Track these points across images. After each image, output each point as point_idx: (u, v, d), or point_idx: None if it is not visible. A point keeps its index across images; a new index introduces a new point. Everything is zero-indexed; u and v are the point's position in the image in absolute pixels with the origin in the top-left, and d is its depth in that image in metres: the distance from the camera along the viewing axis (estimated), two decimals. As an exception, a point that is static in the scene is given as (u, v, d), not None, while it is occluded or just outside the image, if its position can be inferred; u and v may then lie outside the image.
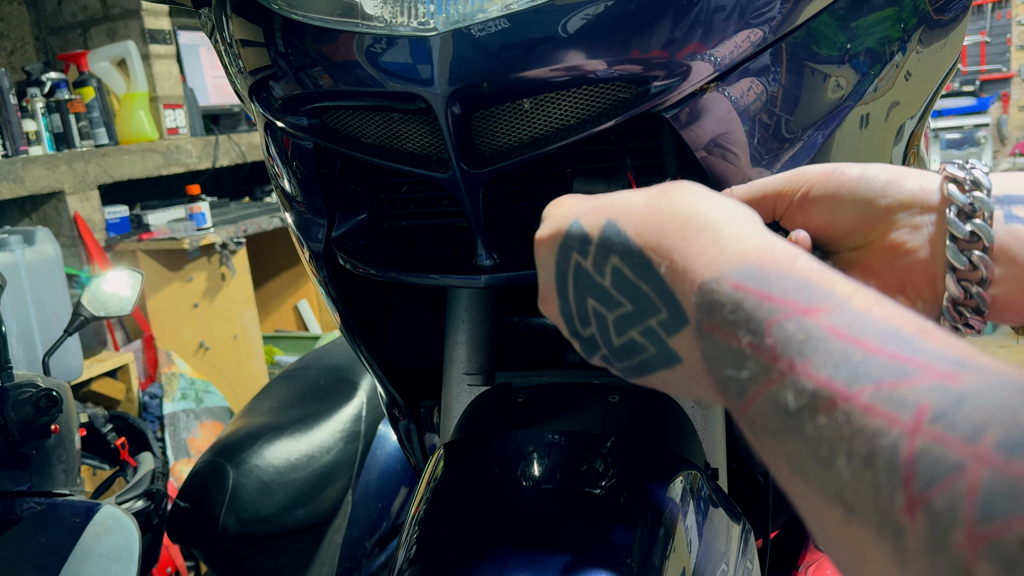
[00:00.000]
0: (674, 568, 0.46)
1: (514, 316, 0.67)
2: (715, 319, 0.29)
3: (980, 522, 0.18)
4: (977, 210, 0.35)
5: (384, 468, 1.26)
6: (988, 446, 0.19)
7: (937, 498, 0.19)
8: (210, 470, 1.17)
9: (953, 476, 0.19)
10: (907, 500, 0.20)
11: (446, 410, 0.66)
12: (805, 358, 0.24)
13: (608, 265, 0.34)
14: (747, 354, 0.27)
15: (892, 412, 0.21)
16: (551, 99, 0.46)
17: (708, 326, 0.29)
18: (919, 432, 0.20)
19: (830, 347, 0.24)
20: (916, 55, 0.55)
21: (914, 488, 0.20)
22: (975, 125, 5.72)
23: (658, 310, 0.33)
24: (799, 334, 0.25)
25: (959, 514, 0.19)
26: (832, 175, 0.39)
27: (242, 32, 0.52)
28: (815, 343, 0.25)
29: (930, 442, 0.20)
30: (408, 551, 0.48)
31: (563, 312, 0.38)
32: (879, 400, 0.22)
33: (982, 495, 0.19)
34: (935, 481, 0.20)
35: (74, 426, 1.12)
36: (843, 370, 0.23)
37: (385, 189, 0.59)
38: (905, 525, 0.20)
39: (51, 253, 2.10)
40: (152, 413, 2.33)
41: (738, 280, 0.28)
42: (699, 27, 0.43)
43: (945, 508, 0.19)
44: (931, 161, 0.75)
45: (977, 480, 0.19)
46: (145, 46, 2.66)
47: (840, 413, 0.23)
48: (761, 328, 0.26)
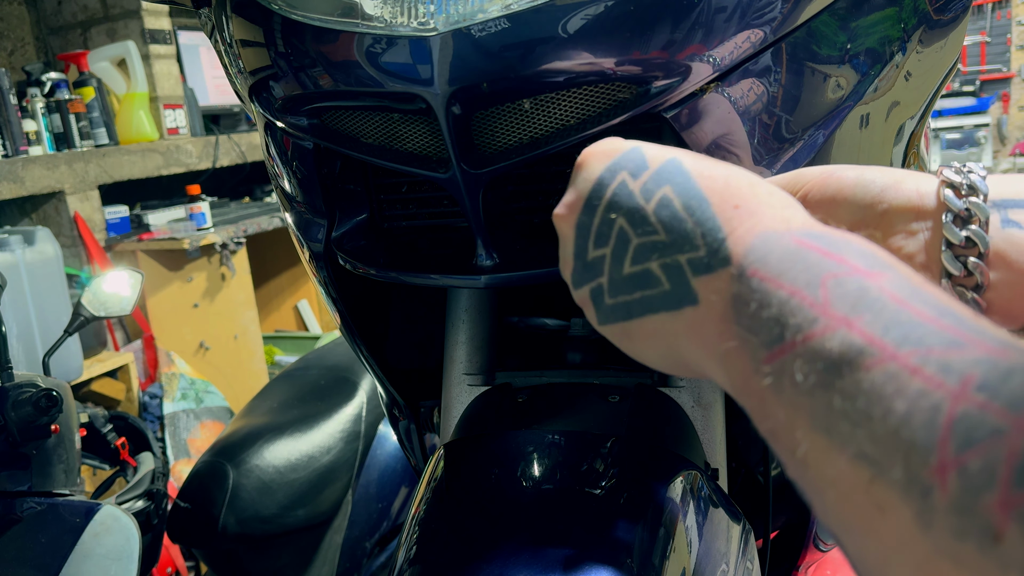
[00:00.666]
0: (674, 568, 0.46)
1: (514, 316, 0.67)
2: (768, 266, 0.28)
3: (1016, 485, 0.18)
4: (973, 216, 0.35)
5: (384, 468, 1.26)
6: None
7: (973, 460, 0.19)
8: (210, 470, 1.17)
9: (993, 440, 0.19)
10: (940, 460, 0.20)
11: (446, 410, 0.66)
12: (858, 314, 0.24)
13: (659, 193, 0.33)
14: (794, 302, 0.26)
15: (938, 376, 0.21)
16: (551, 99, 0.46)
17: (756, 271, 0.28)
18: (963, 398, 0.20)
19: (885, 308, 0.24)
20: (916, 55, 0.55)
21: (950, 449, 0.20)
22: (975, 125, 5.72)
23: (696, 247, 0.31)
24: (855, 291, 0.25)
25: (995, 477, 0.19)
26: (830, 178, 0.39)
27: (242, 32, 0.52)
28: (870, 302, 0.24)
29: (973, 408, 0.20)
30: (408, 551, 0.48)
31: (579, 225, 0.36)
32: (927, 364, 0.22)
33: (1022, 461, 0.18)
34: (973, 443, 0.19)
35: (74, 426, 1.12)
36: (894, 331, 0.23)
37: (385, 189, 0.59)
38: (934, 485, 0.20)
39: (51, 253, 2.10)
40: (152, 413, 2.34)
41: (804, 238, 0.28)
42: (700, 28, 0.43)
43: (981, 471, 0.19)
44: (931, 161, 0.75)
45: (1018, 447, 0.19)
46: (145, 46, 2.66)
47: (884, 371, 0.22)
48: (817, 280, 0.26)
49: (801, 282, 0.26)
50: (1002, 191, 0.36)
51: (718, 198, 0.32)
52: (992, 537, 0.18)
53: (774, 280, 0.27)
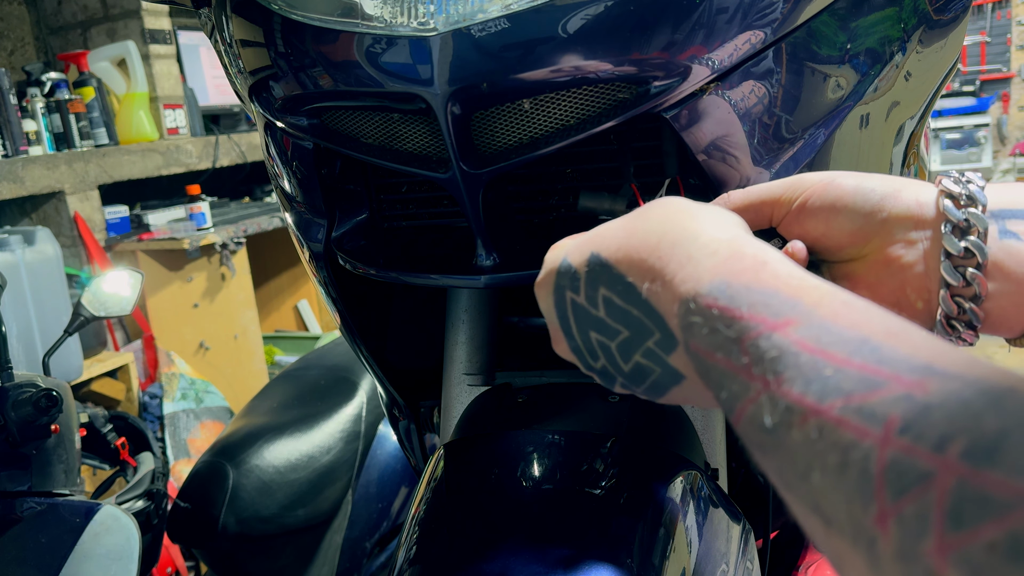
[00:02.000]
0: (674, 568, 0.46)
1: (514, 316, 0.67)
2: (697, 338, 0.30)
3: (949, 530, 0.19)
4: (972, 227, 0.35)
5: (384, 468, 1.26)
6: (955, 455, 0.19)
7: (907, 508, 0.20)
8: (210, 470, 1.17)
9: (923, 486, 0.20)
10: (879, 511, 0.21)
11: (446, 410, 0.66)
12: (778, 374, 0.25)
13: (599, 296, 0.36)
14: (728, 372, 0.28)
15: (862, 424, 0.22)
16: (551, 99, 0.46)
17: (693, 345, 0.31)
18: (889, 443, 0.21)
19: (800, 362, 0.25)
20: (916, 55, 0.55)
21: (886, 499, 0.20)
22: (975, 125, 5.72)
23: (652, 332, 0.34)
24: (771, 351, 0.26)
25: (929, 523, 0.19)
26: (829, 186, 0.39)
27: (242, 32, 0.52)
28: (786, 359, 0.25)
29: (900, 453, 0.21)
30: (408, 551, 0.48)
31: (573, 349, 0.39)
32: (849, 413, 0.22)
33: (951, 504, 0.19)
34: (905, 491, 0.20)
35: (74, 426, 1.12)
36: (814, 385, 0.24)
37: (385, 189, 0.59)
38: (878, 535, 0.20)
39: (51, 253, 2.10)
40: (152, 413, 2.33)
41: (710, 298, 0.30)
42: (700, 28, 0.43)
43: (916, 517, 0.20)
44: (931, 161, 0.75)
45: (945, 489, 0.19)
46: (145, 46, 2.66)
47: (813, 427, 0.23)
48: (736, 347, 0.27)
49: (725, 350, 0.28)
50: (1000, 201, 0.36)
51: (638, 279, 0.34)
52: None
53: (708, 352, 0.29)
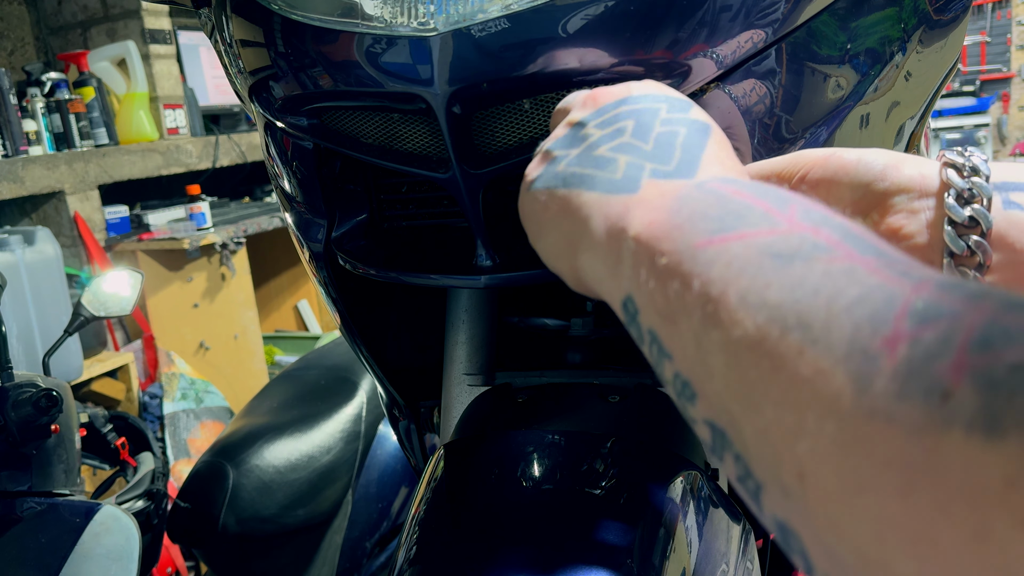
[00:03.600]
0: (674, 568, 0.46)
1: (514, 316, 0.67)
2: (734, 185, 0.28)
3: (972, 351, 0.18)
4: (976, 195, 0.35)
5: (384, 468, 1.26)
6: (991, 303, 0.19)
7: (928, 333, 0.19)
8: (210, 470, 1.17)
9: (951, 318, 0.19)
10: (893, 333, 0.20)
11: (446, 410, 0.66)
12: (824, 228, 0.24)
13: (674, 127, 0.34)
14: (759, 210, 0.26)
15: (897, 277, 0.21)
16: (551, 99, 0.46)
17: (718, 186, 0.29)
18: (922, 291, 0.20)
19: (849, 229, 0.24)
20: (916, 55, 0.55)
21: (905, 325, 0.20)
22: (975, 125, 5.72)
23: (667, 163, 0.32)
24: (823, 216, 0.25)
25: (952, 345, 0.19)
26: (831, 158, 0.39)
27: (242, 32, 0.52)
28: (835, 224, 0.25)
29: (931, 297, 0.20)
30: (408, 551, 0.48)
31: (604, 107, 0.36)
32: (888, 269, 0.22)
33: (978, 333, 0.19)
34: (929, 320, 0.20)
35: (74, 426, 1.12)
36: (858, 243, 0.23)
37: (385, 189, 0.59)
38: (882, 353, 0.20)
39: (51, 253, 2.10)
40: (152, 413, 2.33)
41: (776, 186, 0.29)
42: (701, 28, 0.43)
43: (937, 341, 0.19)
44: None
45: (975, 323, 0.19)
46: (145, 46, 2.66)
47: (843, 266, 0.22)
48: (788, 202, 0.26)
49: (768, 198, 0.27)
50: (1003, 174, 0.36)
51: (712, 153, 0.32)
52: (940, 394, 0.18)
53: (739, 192, 0.28)
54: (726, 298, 0.24)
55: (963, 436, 0.18)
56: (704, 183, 0.29)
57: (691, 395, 0.26)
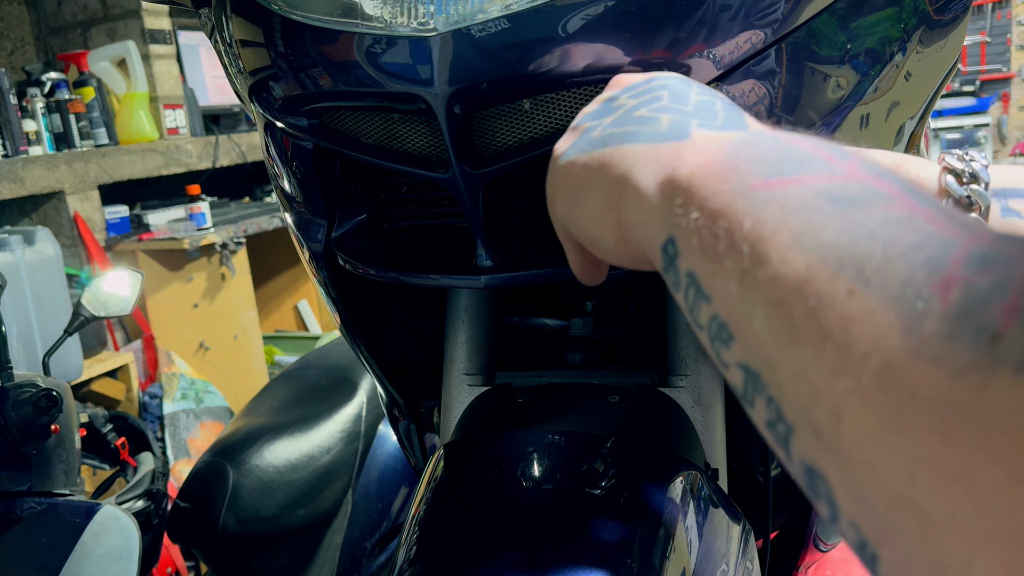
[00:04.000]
0: (674, 568, 0.46)
1: (514, 316, 0.67)
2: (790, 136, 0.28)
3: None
4: (974, 203, 0.35)
5: (384, 468, 1.26)
6: None
7: (982, 279, 0.19)
8: (210, 470, 1.17)
9: (1007, 263, 0.19)
10: (947, 276, 0.20)
11: (446, 410, 0.66)
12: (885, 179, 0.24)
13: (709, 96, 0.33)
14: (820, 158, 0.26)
15: (956, 228, 0.21)
16: (551, 99, 0.46)
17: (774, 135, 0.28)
18: (979, 241, 0.20)
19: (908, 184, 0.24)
20: (916, 55, 0.55)
21: (960, 269, 0.20)
22: (975, 125, 5.72)
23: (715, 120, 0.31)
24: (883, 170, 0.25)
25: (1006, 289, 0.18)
26: None
27: (242, 32, 0.52)
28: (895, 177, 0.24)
29: (988, 245, 0.20)
30: (408, 551, 0.48)
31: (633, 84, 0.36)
32: (947, 219, 0.22)
33: None
34: (986, 266, 0.19)
35: (74, 426, 1.12)
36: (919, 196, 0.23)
37: (385, 189, 0.59)
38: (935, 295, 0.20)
39: (51, 253, 2.10)
40: (152, 413, 2.34)
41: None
42: (701, 28, 0.43)
43: (991, 286, 0.19)
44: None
45: None
46: (145, 46, 2.66)
47: (902, 214, 0.22)
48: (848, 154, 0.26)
49: (831, 150, 0.26)
50: (1003, 180, 0.36)
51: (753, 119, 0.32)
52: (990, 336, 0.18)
53: (798, 140, 0.27)
54: (778, 236, 0.24)
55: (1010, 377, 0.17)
56: (760, 132, 0.29)
57: (727, 337, 0.26)
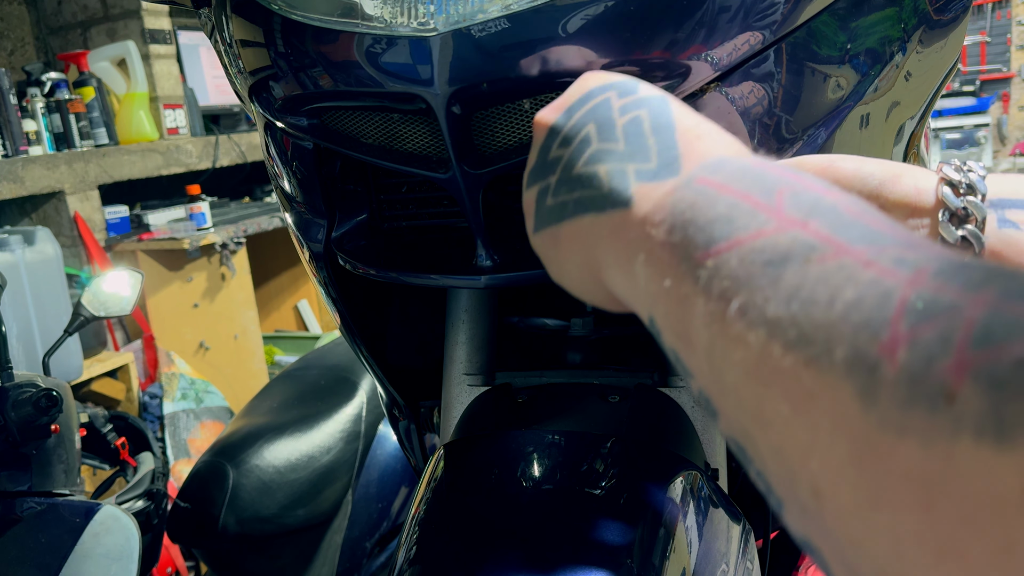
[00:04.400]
0: (674, 568, 0.46)
1: (514, 316, 0.67)
2: (720, 176, 0.28)
3: (973, 348, 0.17)
4: (970, 215, 0.35)
5: (384, 468, 1.26)
6: (990, 293, 0.18)
7: (926, 333, 0.18)
8: (210, 470, 1.17)
9: (949, 313, 0.18)
10: (891, 337, 0.19)
11: (446, 410, 0.66)
12: (813, 218, 0.24)
13: (635, 112, 0.33)
14: (745, 207, 0.26)
15: (893, 268, 0.20)
16: (551, 99, 0.46)
17: (705, 180, 0.28)
18: (918, 284, 0.20)
19: (841, 216, 0.24)
20: (916, 55, 0.55)
21: (902, 326, 0.19)
22: (975, 125, 5.72)
23: (648, 159, 0.31)
24: (811, 201, 0.25)
25: (951, 344, 0.18)
26: (829, 169, 0.39)
27: (242, 32, 0.52)
28: (825, 210, 0.24)
29: (928, 290, 0.19)
30: (408, 551, 0.48)
31: (554, 126, 0.36)
32: (882, 258, 0.21)
33: (978, 327, 0.18)
34: (928, 318, 0.19)
35: (74, 426, 1.12)
36: (850, 232, 0.23)
37: (385, 189, 0.59)
38: (882, 360, 0.19)
39: (51, 253, 2.10)
40: (152, 413, 2.34)
41: (761, 161, 0.28)
42: (701, 28, 0.43)
43: (936, 340, 0.18)
44: (931, 161, 0.75)
45: (975, 317, 0.18)
46: (145, 46, 2.66)
47: (836, 263, 0.22)
48: (772, 190, 0.26)
49: (755, 190, 0.26)
50: (1000, 191, 0.36)
51: (685, 129, 0.32)
52: (944, 397, 0.17)
53: (725, 187, 0.27)
54: (729, 316, 0.24)
55: (973, 443, 0.17)
56: (691, 180, 0.29)
57: (713, 412, 0.26)
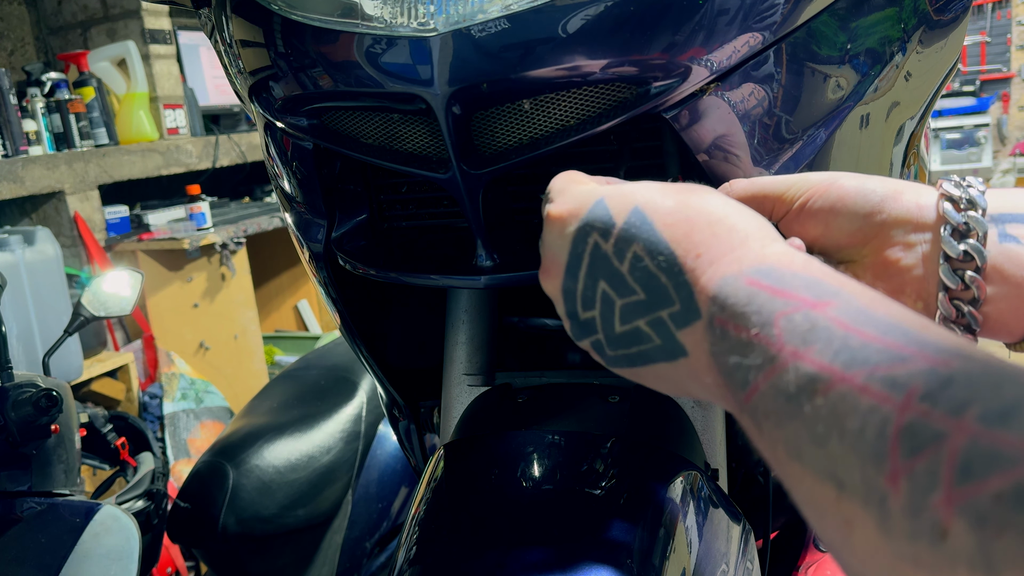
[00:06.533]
0: (674, 568, 0.46)
1: (514, 316, 0.67)
2: (727, 312, 0.30)
3: (957, 483, 0.19)
4: (971, 230, 0.35)
5: (384, 468, 1.26)
6: (970, 419, 0.20)
7: (919, 465, 0.20)
8: (210, 470, 1.17)
9: (936, 445, 0.20)
10: (892, 469, 0.21)
11: (446, 410, 0.66)
12: (808, 345, 0.26)
13: (630, 252, 0.35)
14: (754, 344, 0.28)
15: (885, 392, 0.22)
16: (551, 99, 0.46)
17: (720, 320, 0.30)
18: (908, 409, 0.21)
19: (832, 336, 0.25)
20: (916, 55, 0.55)
21: (899, 457, 0.21)
22: (975, 125, 5.72)
23: (672, 303, 0.33)
24: (805, 324, 0.26)
25: (939, 477, 0.20)
26: (831, 187, 0.39)
27: (242, 32, 0.52)
28: (819, 332, 0.26)
29: (917, 417, 0.21)
30: (408, 551, 0.48)
31: (565, 289, 0.38)
32: (874, 381, 0.23)
33: (961, 459, 0.19)
34: (919, 450, 0.21)
35: (74, 426, 1.12)
36: (842, 355, 0.24)
37: (385, 189, 0.59)
38: (888, 492, 0.21)
39: (51, 253, 2.10)
40: (152, 413, 2.34)
41: (755, 277, 0.30)
42: (701, 29, 0.43)
43: (926, 473, 0.20)
44: (931, 161, 0.75)
45: (957, 447, 0.20)
46: (145, 46, 2.66)
47: (836, 393, 0.24)
48: (771, 320, 0.28)
49: (757, 324, 0.28)
50: (1000, 205, 0.36)
51: (682, 249, 0.33)
52: (940, 534, 0.19)
53: (736, 326, 0.29)
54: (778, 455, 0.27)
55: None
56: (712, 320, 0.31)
57: None
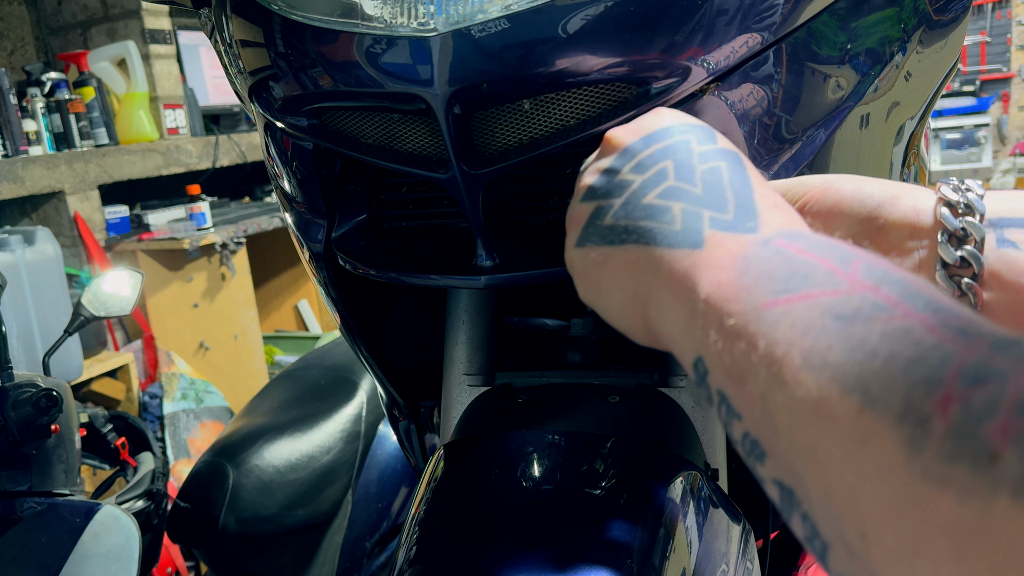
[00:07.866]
0: (674, 568, 0.46)
1: (514, 316, 0.67)
2: (799, 242, 0.29)
3: (1018, 414, 0.19)
4: (969, 236, 0.35)
5: (384, 468, 1.26)
6: None
7: (977, 395, 0.20)
8: (210, 470, 1.17)
9: (999, 381, 0.20)
10: (944, 394, 0.20)
11: (446, 410, 0.66)
12: (885, 286, 0.25)
13: (714, 163, 0.34)
14: (823, 269, 0.27)
15: (954, 337, 0.22)
16: (551, 99, 0.46)
17: (784, 243, 0.29)
18: (974, 352, 0.21)
19: (910, 286, 0.25)
20: (916, 55, 0.55)
21: (956, 386, 0.20)
22: (975, 125, 5.72)
23: (726, 211, 0.32)
24: (883, 272, 0.26)
25: (998, 408, 0.19)
26: (828, 189, 0.39)
27: (242, 32, 0.52)
28: (895, 280, 0.25)
29: (983, 359, 0.21)
30: (408, 551, 0.48)
31: (631, 148, 0.36)
32: (943, 325, 0.22)
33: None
34: (980, 381, 0.20)
35: (74, 426, 1.12)
36: (918, 300, 0.24)
37: (385, 189, 0.59)
38: (934, 414, 0.20)
39: (51, 253, 2.10)
40: (152, 413, 2.34)
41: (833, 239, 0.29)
42: (701, 30, 0.43)
43: (984, 403, 0.19)
44: (931, 161, 0.75)
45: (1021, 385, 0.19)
46: (145, 46, 2.66)
47: (902, 325, 0.23)
48: (849, 259, 0.27)
49: (832, 257, 0.27)
50: (999, 209, 0.36)
51: (762, 195, 0.33)
52: (988, 457, 0.19)
53: (804, 251, 0.28)
54: (790, 359, 0.25)
55: (1010, 502, 0.18)
56: (769, 240, 0.30)
57: (760, 454, 0.27)
